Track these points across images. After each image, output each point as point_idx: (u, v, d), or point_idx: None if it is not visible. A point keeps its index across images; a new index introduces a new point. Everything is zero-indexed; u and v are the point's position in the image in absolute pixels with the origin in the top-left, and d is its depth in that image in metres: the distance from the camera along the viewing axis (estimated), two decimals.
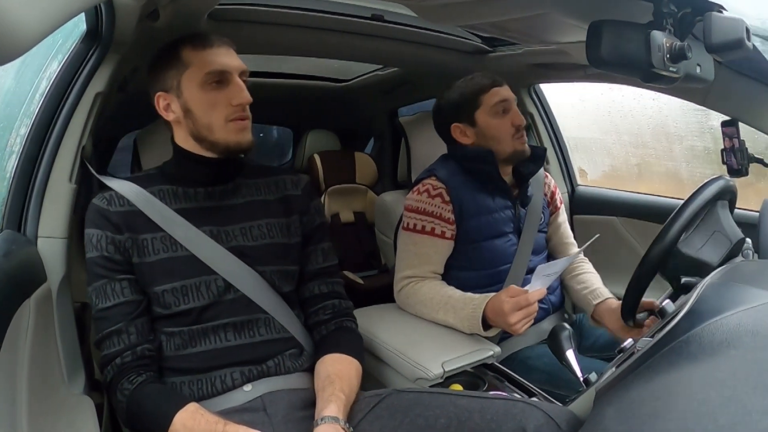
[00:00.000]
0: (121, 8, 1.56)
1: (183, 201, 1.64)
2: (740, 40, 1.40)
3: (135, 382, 1.49)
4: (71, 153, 1.68)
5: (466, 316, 1.91)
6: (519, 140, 2.17)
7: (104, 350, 1.53)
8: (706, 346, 1.03)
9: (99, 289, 1.55)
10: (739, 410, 0.83)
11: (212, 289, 1.59)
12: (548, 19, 1.71)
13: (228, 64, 1.58)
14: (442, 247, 2.14)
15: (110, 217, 1.56)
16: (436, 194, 2.14)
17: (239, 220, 1.67)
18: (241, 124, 1.60)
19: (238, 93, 1.58)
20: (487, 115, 2.19)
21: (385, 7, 2.29)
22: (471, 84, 2.24)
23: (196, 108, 1.59)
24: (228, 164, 1.68)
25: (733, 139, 1.94)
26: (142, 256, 1.57)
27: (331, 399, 1.47)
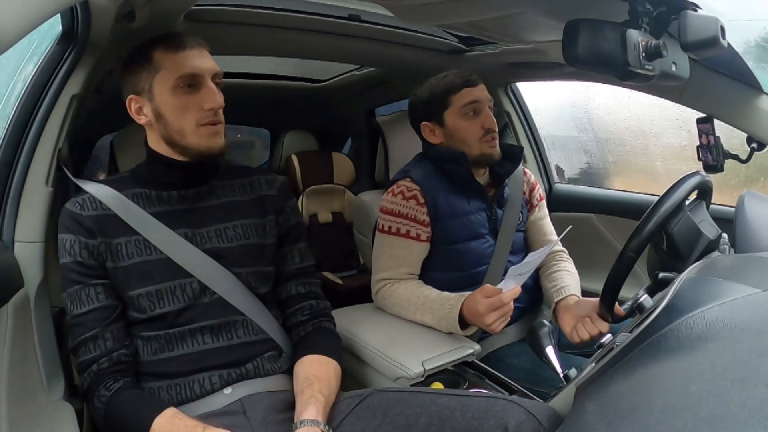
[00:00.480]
0: (98, 9, 1.55)
1: (156, 204, 1.63)
2: (715, 38, 1.41)
3: (112, 388, 1.47)
4: (47, 156, 1.66)
5: (442, 316, 1.91)
6: (487, 143, 2.14)
7: (80, 357, 1.52)
8: (684, 341, 1.04)
9: (73, 295, 1.53)
10: (719, 403, 0.84)
11: (187, 292, 1.58)
12: (525, 18, 1.72)
13: (200, 67, 1.56)
14: (417, 249, 2.14)
15: (83, 222, 1.55)
16: (411, 196, 2.13)
17: (214, 222, 1.66)
18: (212, 129, 1.58)
19: (210, 97, 1.56)
20: (456, 116, 2.17)
21: (362, 7, 2.29)
22: (442, 83, 2.21)
23: (167, 112, 1.57)
24: (201, 167, 1.66)
25: (708, 136, 1.96)
26: (116, 261, 1.55)
27: (310, 401, 1.47)
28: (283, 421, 1.51)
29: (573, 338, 1.99)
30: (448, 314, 1.89)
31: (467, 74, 2.19)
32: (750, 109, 1.83)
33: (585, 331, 1.94)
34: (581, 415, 1.08)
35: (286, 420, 1.51)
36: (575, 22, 1.38)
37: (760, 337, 0.98)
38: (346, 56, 2.96)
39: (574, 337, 1.98)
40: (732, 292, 1.15)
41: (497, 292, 1.79)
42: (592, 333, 1.93)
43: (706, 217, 1.72)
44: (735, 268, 1.43)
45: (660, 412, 0.89)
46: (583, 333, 1.95)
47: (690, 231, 1.65)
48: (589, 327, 1.95)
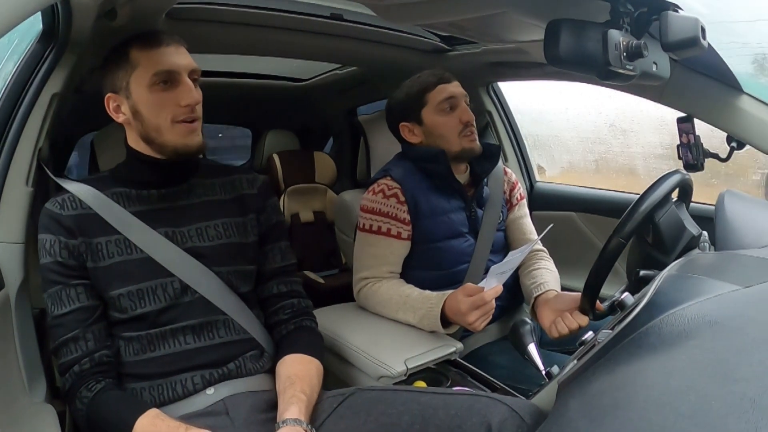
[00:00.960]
0: (78, 7, 1.54)
1: (137, 203, 1.62)
2: (695, 39, 1.43)
3: (94, 389, 1.47)
4: (27, 156, 1.65)
5: (424, 315, 1.92)
6: (467, 138, 2.16)
7: (61, 358, 1.51)
8: (665, 337, 1.05)
9: (54, 296, 1.52)
10: (699, 399, 0.85)
11: (169, 292, 1.57)
12: (506, 18, 1.72)
13: (176, 63, 1.55)
14: (398, 247, 2.14)
15: (62, 222, 1.54)
16: (391, 194, 2.13)
17: (194, 221, 1.65)
18: (189, 127, 1.56)
19: (186, 94, 1.55)
20: (434, 113, 2.18)
21: (344, 6, 2.29)
22: (417, 82, 2.23)
23: (144, 109, 1.56)
24: (180, 165, 1.65)
25: (689, 135, 1.97)
26: (96, 261, 1.54)
27: (292, 401, 1.47)
28: (266, 421, 1.51)
29: (552, 333, 1.99)
30: (429, 313, 1.89)
31: (440, 72, 2.22)
32: (730, 109, 1.85)
33: (564, 325, 1.94)
34: (564, 411, 1.09)
35: (268, 420, 1.51)
36: (557, 22, 1.38)
37: (741, 333, 0.99)
38: (328, 55, 2.96)
39: (552, 332, 1.99)
40: (712, 290, 1.16)
41: (479, 290, 1.80)
42: (572, 327, 1.93)
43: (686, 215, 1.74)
44: (715, 265, 1.45)
45: (641, 408, 0.90)
46: (562, 327, 1.95)
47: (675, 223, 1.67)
48: (568, 321, 1.95)
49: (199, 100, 1.57)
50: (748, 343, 0.96)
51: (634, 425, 0.87)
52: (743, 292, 1.14)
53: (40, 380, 1.63)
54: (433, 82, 2.19)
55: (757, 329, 1.00)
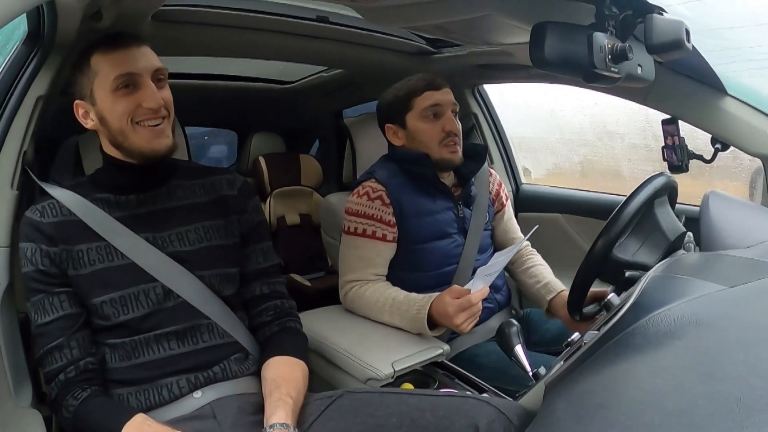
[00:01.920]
0: (64, 9, 1.54)
1: (116, 209, 1.60)
2: (680, 41, 1.44)
3: (80, 397, 1.46)
4: (12, 159, 1.64)
5: (411, 317, 1.92)
6: (447, 147, 2.16)
7: (46, 367, 1.50)
8: (651, 338, 1.06)
9: (37, 304, 1.51)
10: (685, 397, 0.85)
11: (151, 297, 1.56)
12: (492, 21, 1.73)
13: (136, 65, 1.52)
14: (383, 249, 2.14)
15: (43, 229, 1.52)
16: (376, 197, 2.13)
17: (174, 225, 1.64)
18: (155, 130, 1.54)
19: (148, 96, 1.51)
20: (417, 119, 2.19)
21: (330, 8, 2.29)
22: (406, 86, 2.23)
23: (108, 115, 1.53)
24: (156, 168, 1.63)
25: (673, 137, 1.99)
26: (77, 268, 1.53)
27: (278, 404, 1.46)
28: (253, 424, 1.51)
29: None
30: (416, 315, 1.89)
31: (431, 78, 2.21)
32: (714, 111, 1.86)
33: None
34: (551, 412, 1.09)
35: (256, 423, 1.50)
36: (542, 25, 1.39)
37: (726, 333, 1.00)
38: (314, 58, 2.95)
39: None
40: (697, 290, 1.18)
41: (465, 292, 1.81)
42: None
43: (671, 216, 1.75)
44: (700, 266, 1.46)
45: (628, 407, 0.91)
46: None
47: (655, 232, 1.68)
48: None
49: (160, 103, 1.53)
50: (734, 343, 0.97)
51: (621, 424, 0.88)
52: (728, 292, 1.15)
53: (26, 385, 1.62)
54: (421, 88, 2.18)
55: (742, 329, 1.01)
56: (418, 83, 2.20)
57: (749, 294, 1.15)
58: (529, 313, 2.48)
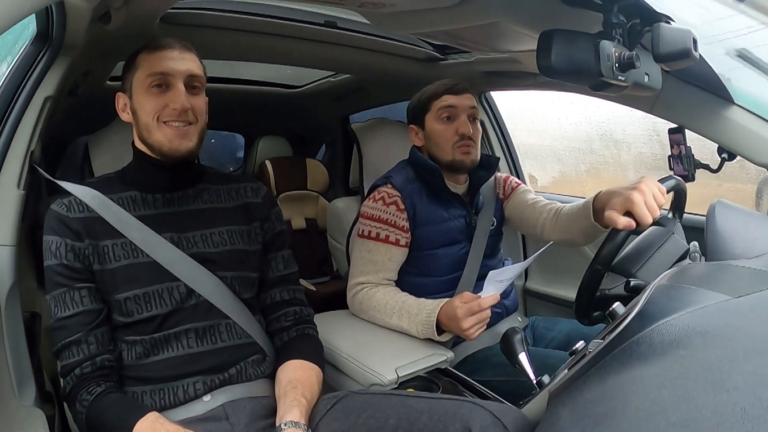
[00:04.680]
0: (73, 10, 1.54)
1: (142, 208, 1.63)
2: (687, 50, 1.43)
3: (94, 392, 1.47)
4: (19, 158, 1.65)
5: (420, 322, 1.93)
6: (460, 149, 2.18)
7: (63, 360, 1.51)
8: (656, 347, 1.06)
9: (58, 298, 1.52)
10: (691, 408, 0.85)
11: (175, 296, 1.58)
12: (500, 27, 1.73)
13: (170, 67, 1.57)
14: (395, 254, 2.15)
15: (70, 224, 1.54)
16: (391, 202, 2.15)
17: (200, 227, 1.66)
18: (178, 130, 1.58)
19: (176, 97, 1.56)
20: (434, 120, 2.23)
21: (338, 14, 2.30)
22: (429, 89, 2.28)
23: (139, 109, 1.59)
24: (185, 169, 1.67)
25: (680, 146, 1.98)
26: (103, 263, 1.55)
27: (293, 404, 1.48)
28: (266, 427, 1.53)
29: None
30: (426, 320, 1.91)
31: (453, 82, 2.25)
32: (721, 120, 1.85)
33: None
34: (555, 421, 1.09)
35: (268, 426, 1.52)
36: (549, 33, 1.39)
37: (731, 343, 1.00)
38: (322, 62, 2.96)
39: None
40: (703, 300, 1.17)
41: (475, 298, 1.82)
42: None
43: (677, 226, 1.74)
44: (706, 275, 1.45)
45: (633, 417, 0.90)
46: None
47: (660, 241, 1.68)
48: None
49: (189, 106, 1.58)
50: (739, 353, 0.96)
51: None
52: (734, 303, 1.15)
53: (30, 384, 1.62)
54: (441, 91, 2.23)
55: (747, 339, 1.00)
56: (439, 87, 2.25)
57: (755, 304, 1.15)
58: (534, 321, 2.48)
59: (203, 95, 1.65)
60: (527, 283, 3.12)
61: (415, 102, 2.32)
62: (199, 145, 1.64)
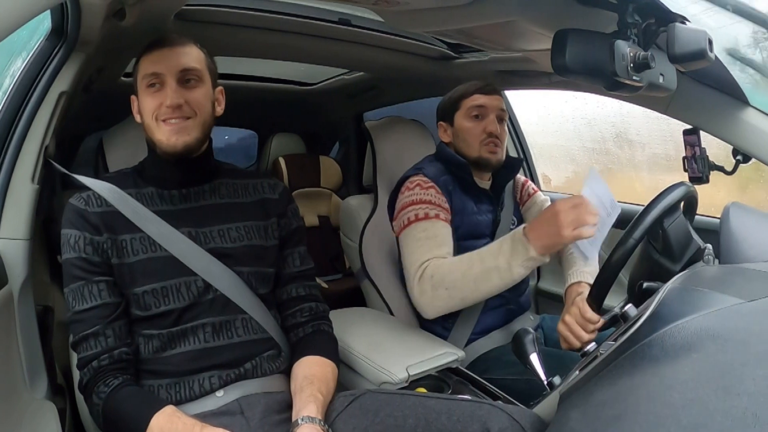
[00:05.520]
0: (87, 6, 1.55)
1: (160, 203, 1.64)
2: (702, 51, 1.42)
3: (111, 385, 1.48)
4: (34, 153, 1.66)
5: (507, 248, 1.89)
6: (487, 147, 2.22)
7: (80, 353, 1.52)
8: (668, 350, 1.05)
9: (76, 291, 1.53)
10: (702, 412, 0.85)
11: (192, 290, 1.59)
12: (515, 26, 1.72)
13: (161, 66, 1.58)
14: (449, 231, 2.13)
15: (89, 218, 1.55)
16: (429, 186, 2.16)
17: (217, 222, 1.67)
18: (175, 126, 1.58)
19: (167, 95, 1.57)
20: (463, 118, 2.28)
21: (352, 11, 2.29)
22: (462, 88, 2.32)
23: (142, 110, 1.62)
24: (198, 165, 1.68)
25: (694, 147, 1.97)
26: (121, 257, 1.56)
27: (310, 399, 1.49)
28: (281, 422, 1.53)
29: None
30: (513, 238, 1.88)
31: (484, 83, 2.30)
32: (736, 122, 1.84)
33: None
34: (565, 422, 1.08)
35: (283, 421, 1.53)
36: (564, 32, 1.38)
37: (744, 347, 0.99)
38: (336, 60, 2.96)
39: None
40: (716, 303, 1.16)
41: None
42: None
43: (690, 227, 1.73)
44: (719, 278, 1.44)
45: (644, 420, 0.90)
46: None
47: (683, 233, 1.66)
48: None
49: (182, 101, 1.57)
50: (752, 357, 0.96)
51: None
52: (747, 306, 1.14)
53: (42, 377, 1.64)
54: (471, 90, 2.28)
55: (760, 343, 1.00)
56: (470, 86, 2.29)
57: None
58: (543, 319, 2.47)
59: (203, 87, 1.63)
60: (539, 283, 3.12)
61: (446, 100, 2.36)
62: (202, 138, 1.64)
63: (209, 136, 1.69)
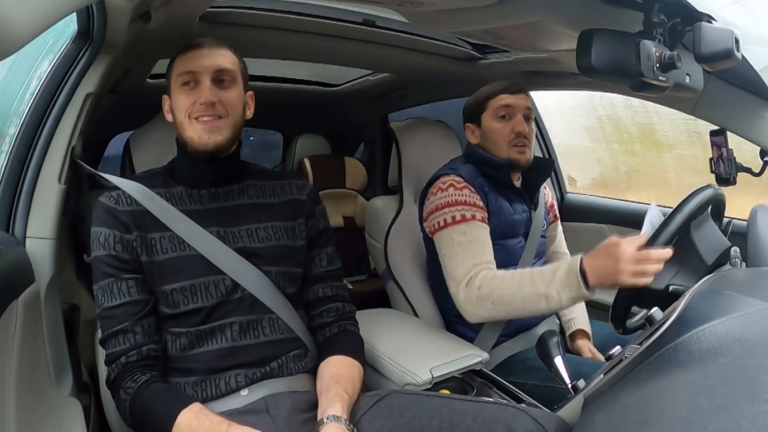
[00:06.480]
0: (113, 9, 1.56)
1: (189, 203, 1.65)
2: (729, 51, 1.41)
3: (139, 381, 1.49)
4: (61, 154, 1.67)
5: (560, 278, 1.83)
6: (515, 148, 2.19)
7: (109, 349, 1.53)
8: (694, 354, 1.04)
9: (105, 288, 1.55)
10: (728, 418, 0.83)
11: (220, 289, 1.60)
12: (540, 27, 1.72)
13: (197, 64, 1.60)
14: (487, 231, 2.11)
15: (119, 216, 1.57)
16: (463, 187, 2.14)
17: (245, 222, 1.68)
18: (207, 125, 1.60)
19: (201, 93, 1.59)
20: (490, 119, 2.24)
21: (377, 12, 2.29)
22: (487, 88, 2.29)
23: (175, 108, 1.65)
24: (228, 165, 1.70)
25: (721, 148, 1.95)
26: (151, 255, 1.58)
27: (336, 398, 1.49)
28: (306, 421, 1.53)
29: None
30: (568, 271, 1.81)
31: (510, 83, 2.27)
32: (763, 122, 1.82)
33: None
34: (590, 426, 1.08)
35: (308, 420, 1.53)
36: (590, 32, 1.38)
37: None
38: (360, 61, 2.96)
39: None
40: (743, 306, 1.15)
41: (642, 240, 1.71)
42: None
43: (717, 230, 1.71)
44: (747, 282, 1.43)
45: (669, 425, 0.89)
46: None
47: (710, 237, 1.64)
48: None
49: (215, 100, 1.59)
50: None
51: None
52: None
53: (67, 374, 1.65)
54: (498, 91, 2.24)
55: None
56: (496, 87, 2.26)
57: None
58: None
59: (235, 89, 1.66)
60: None
61: (472, 101, 2.33)
62: (232, 139, 1.66)
63: (239, 137, 1.70)
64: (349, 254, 3.94)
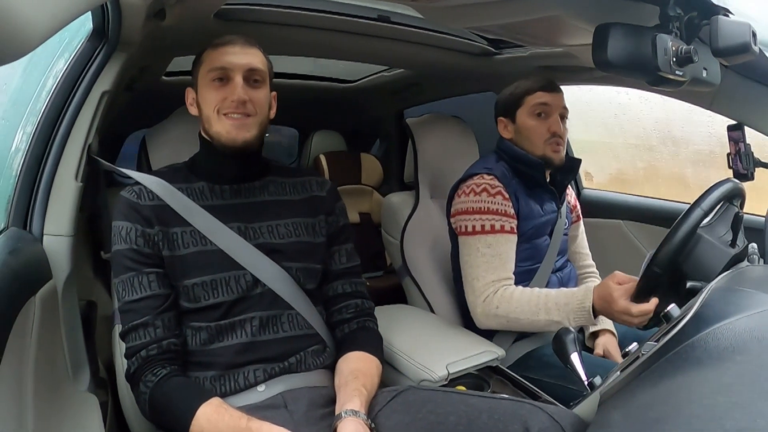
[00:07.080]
0: (128, 7, 1.56)
1: (210, 198, 1.67)
2: (746, 44, 1.40)
3: (159, 374, 1.50)
4: (77, 151, 1.68)
5: (572, 310, 1.91)
6: (550, 146, 2.19)
7: (129, 342, 1.55)
8: (712, 351, 1.03)
9: (126, 282, 1.56)
10: (746, 416, 0.83)
11: (241, 284, 1.61)
12: (555, 21, 1.71)
13: (229, 61, 1.62)
14: (513, 243, 2.13)
15: (141, 211, 1.59)
16: (496, 192, 2.13)
17: (266, 218, 1.70)
18: (237, 121, 1.62)
19: (232, 90, 1.60)
20: (526, 116, 2.23)
21: (392, 8, 2.29)
22: (523, 84, 2.28)
23: (202, 102, 1.66)
24: (250, 161, 1.71)
25: (739, 144, 1.94)
26: (173, 250, 1.59)
27: (354, 393, 1.50)
28: (323, 417, 1.54)
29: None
30: (579, 306, 1.90)
31: (547, 80, 2.26)
32: None
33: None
34: (606, 423, 1.07)
35: (326, 415, 1.54)
36: (606, 26, 1.37)
37: None
38: (375, 57, 2.96)
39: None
40: (761, 304, 1.14)
41: (629, 280, 1.81)
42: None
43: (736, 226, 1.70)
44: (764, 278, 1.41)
45: (686, 423, 0.88)
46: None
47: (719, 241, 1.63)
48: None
49: (246, 98, 1.61)
50: None
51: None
52: None
53: (84, 370, 1.67)
54: (535, 87, 2.23)
55: None
56: (534, 83, 2.25)
57: None
58: None
59: (265, 89, 1.69)
60: None
61: (507, 95, 2.32)
62: (259, 137, 1.68)
63: (264, 136, 1.72)
64: (365, 250, 3.92)
